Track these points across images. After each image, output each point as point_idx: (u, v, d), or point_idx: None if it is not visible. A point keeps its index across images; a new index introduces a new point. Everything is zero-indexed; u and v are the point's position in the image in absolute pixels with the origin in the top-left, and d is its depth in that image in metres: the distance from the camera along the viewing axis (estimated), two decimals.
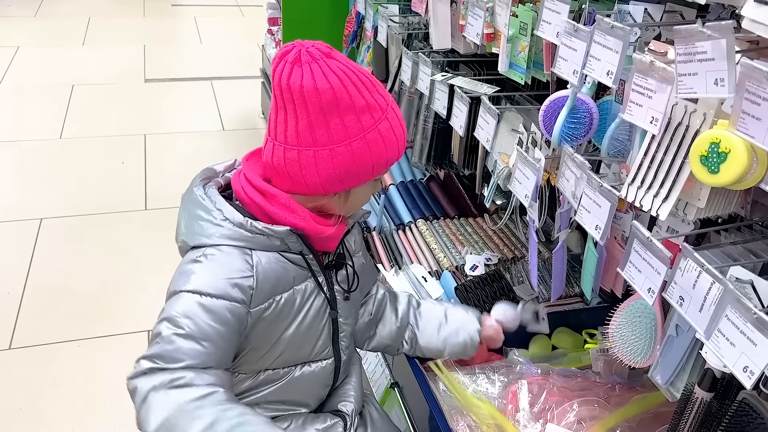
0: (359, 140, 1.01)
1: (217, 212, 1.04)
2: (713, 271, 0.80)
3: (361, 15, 2.51)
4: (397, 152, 1.08)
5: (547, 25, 1.16)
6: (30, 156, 3.58)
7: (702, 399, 0.96)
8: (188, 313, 0.97)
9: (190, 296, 0.98)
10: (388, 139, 1.04)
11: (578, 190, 1.09)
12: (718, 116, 0.83)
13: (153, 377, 0.94)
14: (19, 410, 2.02)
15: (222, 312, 0.99)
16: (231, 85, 4.57)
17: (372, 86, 1.03)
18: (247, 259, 1.03)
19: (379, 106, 1.03)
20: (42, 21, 5.76)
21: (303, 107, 0.98)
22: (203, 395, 0.93)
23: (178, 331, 0.96)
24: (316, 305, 1.13)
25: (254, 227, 1.02)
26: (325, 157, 1.00)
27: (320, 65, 0.98)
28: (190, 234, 1.06)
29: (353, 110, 1.00)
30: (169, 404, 0.91)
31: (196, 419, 0.90)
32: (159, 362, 0.94)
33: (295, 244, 1.07)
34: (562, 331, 1.67)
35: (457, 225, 2.11)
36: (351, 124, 1.00)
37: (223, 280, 1.00)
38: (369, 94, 1.02)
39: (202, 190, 1.08)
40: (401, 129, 1.08)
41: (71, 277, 2.63)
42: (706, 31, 0.77)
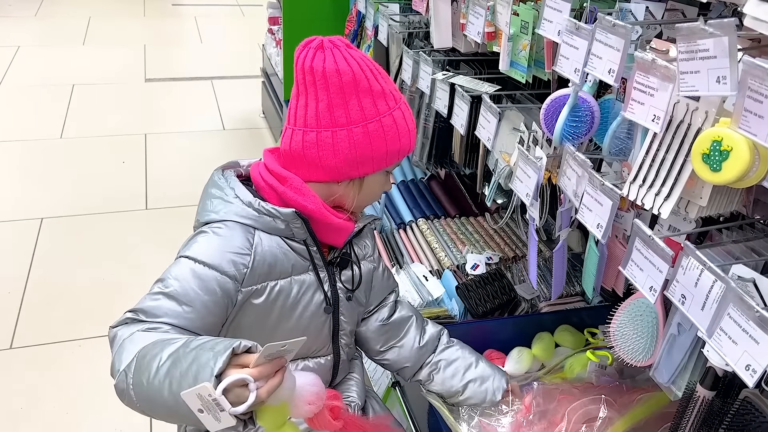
0: (375, 123, 1.06)
1: (229, 190, 1.09)
2: (715, 269, 0.80)
3: (362, 14, 2.51)
4: (409, 143, 1.12)
5: (548, 23, 1.16)
6: (30, 156, 3.57)
7: (704, 398, 0.96)
8: (179, 276, 1.02)
9: (185, 261, 1.03)
10: (402, 128, 1.09)
11: (580, 189, 1.09)
12: (720, 114, 0.83)
13: (132, 326, 0.97)
14: (20, 410, 2.02)
15: (210, 282, 1.02)
16: (231, 85, 4.57)
17: (388, 77, 1.10)
18: (249, 237, 1.06)
19: (393, 95, 1.09)
20: (42, 21, 5.76)
21: (324, 88, 1.04)
22: (177, 336, 0.93)
23: (164, 290, 1.00)
24: (316, 300, 1.14)
25: (261, 206, 1.06)
26: (342, 138, 1.05)
27: (342, 51, 1.04)
28: (202, 211, 1.10)
29: (371, 93, 1.05)
30: (142, 342, 0.92)
31: (168, 344, 0.88)
32: (140, 315, 0.98)
33: (300, 231, 1.09)
34: (564, 329, 1.67)
35: (458, 224, 2.11)
36: (368, 107, 1.05)
37: (220, 253, 1.04)
38: (385, 82, 1.08)
39: (220, 173, 1.13)
40: (413, 122, 1.13)
41: (72, 276, 2.63)
42: (708, 29, 0.77)
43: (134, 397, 0.88)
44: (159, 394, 0.85)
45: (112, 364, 0.94)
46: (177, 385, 0.82)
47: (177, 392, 0.81)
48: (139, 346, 0.91)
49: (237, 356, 0.81)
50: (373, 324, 1.32)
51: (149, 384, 0.86)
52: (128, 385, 0.88)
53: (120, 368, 0.91)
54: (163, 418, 0.91)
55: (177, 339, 0.90)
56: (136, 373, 0.88)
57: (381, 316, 1.33)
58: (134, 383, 0.88)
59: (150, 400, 0.87)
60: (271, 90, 3.76)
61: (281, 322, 1.11)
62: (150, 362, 0.87)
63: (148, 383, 0.86)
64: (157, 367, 0.86)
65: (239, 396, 0.79)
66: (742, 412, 0.90)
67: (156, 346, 0.89)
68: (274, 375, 0.82)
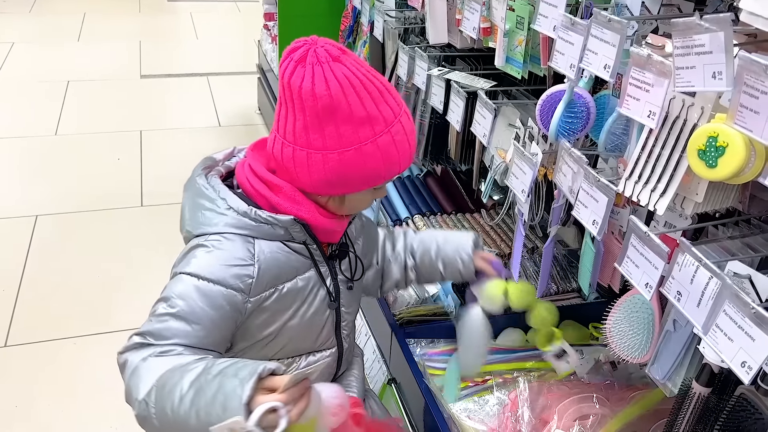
0: (353, 151, 0.99)
1: (221, 201, 1.05)
2: (711, 265, 0.80)
3: (358, 10, 2.50)
4: (398, 167, 1.04)
5: (543, 18, 1.16)
6: (25, 152, 3.56)
7: (700, 394, 0.95)
8: (183, 295, 0.99)
9: (188, 278, 1.00)
10: (388, 154, 1.01)
11: (575, 185, 1.08)
12: (715, 110, 0.83)
13: (142, 351, 0.95)
14: (15, 408, 2.02)
15: (217, 298, 1.00)
16: (227, 81, 4.55)
17: (379, 96, 1.00)
18: (249, 248, 1.04)
19: (383, 118, 1.00)
20: (37, 17, 5.73)
21: (300, 108, 0.98)
22: (193, 359, 0.93)
23: (170, 310, 0.98)
24: (320, 295, 1.14)
25: (258, 216, 1.03)
26: (317, 160, 0.99)
27: (323, 69, 0.96)
28: (194, 224, 1.07)
29: (350, 121, 0.97)
30: (158, 369, 0.92)
31: (187, 372, 0.88)
32: (149, 338, 0.97)
33: (299, 233, 1.07)
34: (568, 324, 1.67)
35: (454, 220, 2.10)
36: (346, 134, 0.98)
37: (223, 267, 1.01)
38: (373, 106, 0.99)
39: (204, 180, 1.08)
40: (407, 143, 1.04)
41: (67, 274, 2.62)
42: (704, 24, 0.76)
43: (159, 426, 0.89)
44: (185, 423, 0.85)
45: (127, 391, 0.93)
46: (205, 415, 0.83)
47: (205, 422, 0.82)
48: (157, 374, 0.91)
49: (262, 380, 0.82)
50: (371, 272, 1.34)
51: (174, 414, 0.86)
52: (151, 414, 0.89)
53: (139, 397, 0.91)
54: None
55: (195, 365, 0.90)
56: (158, 402, 0.89)
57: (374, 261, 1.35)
58: (157, 413, 0.89)
59: (176, 429, 0.88)
60: (266, 86, 3.75)
61: (288, 320, 1.10)
62: (172, 391, 0.87)
63: (173, 413, 0.86)
64: (180, 396, 0.86)
65: (270, 422, 0.79)
66: (738, 408, 0.90)
67: (175, 373, 0.89)
68: (301, 396, 0.83)
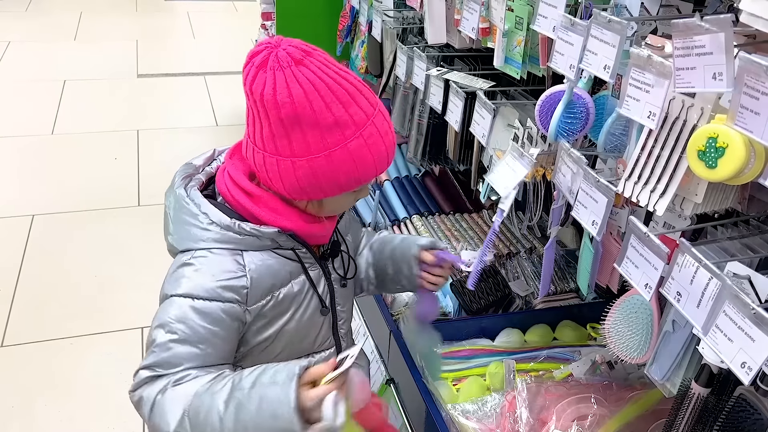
0: (323, 158, 0.95)
1: (202, 216, 1.02)
2: (711, 266, 0.80)
3: (356, 9, 2.50)
4: (374, 170, 1.00)
5: (543, 19, 1.15)
6: (22, 152, 3.55)
7: (699, 395, 0.96)
8: (182, 318, 0.97)
9: (182, 300, 0.98)
10: (361, 158, 0.97)
11: (575, 186, 1.08)
12: (715, 111, 0.83)
13: (156, 384, 0.94)
14: (12, 408, 2.01)
15: (216, 313, 0.98)
16: (224, 81, 4.54)
17: (348, 98, 0.95)
18: (238, 259, 1.01)
19: (353, 121, 0.95)
20: (33, 16, 5.71)
21: (265, 116, 0.95)
22: (212, 377, 0.93)
23: (173, 336, 0.96)
24: (315, 299, 1.13)
25: (242, 229, 1.00)
26: (287, 167, 0.96)
27: (285, 74, 0.91)
28: (178, 239, 1.04)
29: (317, 126, 0.93)
30: (181, 397, 0.91)
31: (216, 393, 0.90)
32: (158, 369, 0.95)
33: (286, 242, 1.06)
34: (566, 325, 1.67)
35: (453, 221, 2.10)
36: (314, 141, 0.94)
37: (214, 283, 0.98)
38: (342, 109, 0.94)
39: (183, 192, 1.05)
40: (381, 145, 0.99)
41: (63, 273, 2.61)
42: (705, 25, 0.76)
43: None
44: None
45: (154, 427, 0.93)
46: (254, 428, 0.86)
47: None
48: (182, 403, 0.91)
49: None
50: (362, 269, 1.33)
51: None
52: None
53: (170, 430, 0.90)
54: None
55: (221, 384, 0.91)
56: (195, 430, 0.89)
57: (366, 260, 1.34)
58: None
59: None
60: None
61: (286, 324, 1.09)
62: (208, 415, 0.88)
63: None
64: (219, 418, 0.88)
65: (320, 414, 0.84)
66: (737, 409, 0.90)
67: (204, 398, 0.90)
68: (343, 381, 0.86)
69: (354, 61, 2.55)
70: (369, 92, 1.00)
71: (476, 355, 1.57)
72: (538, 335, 1.65)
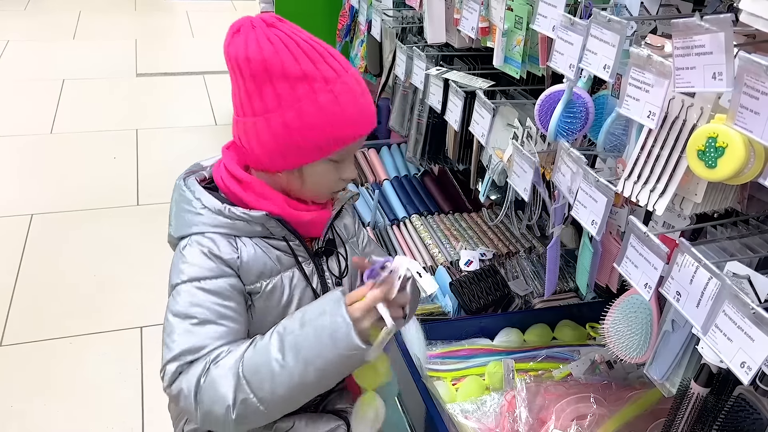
0: (294, 111, 0.96)
1: (196, 201, 1.05)
2: (711, 266, 0.80)
3: (355, 9, 2.50)
4: (349, 129, 1.00)
5: (542, 18, 1.15)
6: (21, 151, 3.54)
7: (698, 394, 0.96)
8: (194, 302, 0.99)
9: (188, 286, 1.00)
10: (332, 114, 0.97)
11: (574, 185, 1.08)
12: (715, 110, 0.83)
13: (192, 370, 0.95)
14: (11, 407, 2.01)
15: (225, 289, 1.01)
16: (223, 80, 4.49)
17: (318, 56, 0.97)
18: (231, 242, 1.04)
19: (322, 76, 0.96)
20: (32, 15, 5.70)
21: (240, 76, 0.98)
22: (250, 342, 0.96)
23: (192, 321, 0.97)
24: (308, 295, 1.12)
25: (232, 213, 1.03)
26: (262, 126, 0.98)
27: (257, 33, 0.97)
28: (176, 226, 1.07)
29: (285, 79, 0.96)
30: (228, 368, 0.93)
31: (266, 347, 0.94)
32: (188, 357, 0.96)
33: (276, 229, 1.06)
34: (565, 324, 1.67)
35: (452, 220, 2.10)
36: (284, 93, 0.96)
37: (213, 259, 1.01)
38: (310, 64, 0.96)
39: (182, 182, 1.09)
40: (353, 104, 0.99)
41: (62, 273, 2.61)
42: (705, 25, 0.76)
43: (266, 410, 0.93)
44: (301, 384, 0.92)
45: (206, 412, 0.93)
46: (319, 360, 0.91)
47: (322, 366, 0.92)
48: (231, 373, 0.93)
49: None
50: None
51: (284, 385, 0.92)
52: (254, 406, 0.92)
53: (228, 403, 0.92)
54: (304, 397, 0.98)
55: (264, 342, 0.95)
56: (258, 390, 0.92)
57: None
58: (262, 398, 0.92)
59: (290, 399, 0.94)
60: None
61: (277, 319, 1.09)
62: (267, 370, 0.92)
63: (282, 385, 0.92)
64: (280, 366, 0.92)
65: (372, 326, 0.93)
66: (737, 408, 0.90)
67: (254, 358, 0.94)
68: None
69: (353, 61, 2.55)
70: (340, 57, 1.02)
71: (475, 355, 1.58)
72: (537, 335, 1.65)
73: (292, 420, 1.15)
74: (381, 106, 2.77)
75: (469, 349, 1.59)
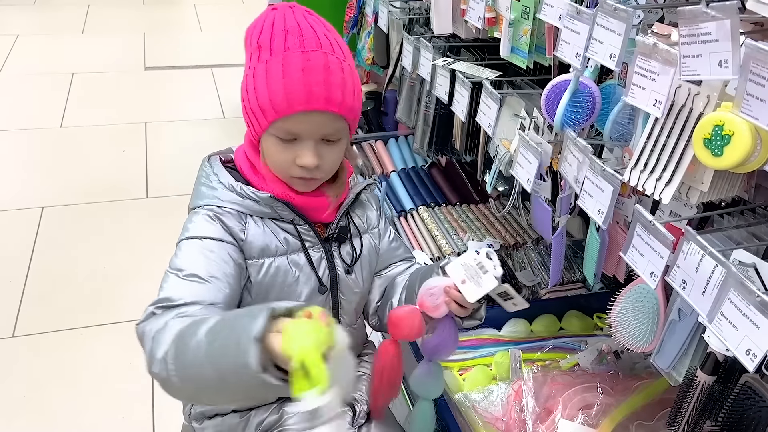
0: (251, 74, 1.04)
1: (213, 176, 1.11)
2: (716, 254, 0.80)
3: (362, 0, 2.50)
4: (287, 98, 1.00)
5: (549, 8, 1.15)
6: (31, 144, 3.57)
7: (704, 383, 0.96)
8: (190, 257, 1.02)
9: (189, 242, 1.04)
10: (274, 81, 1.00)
11: (580, 175, 1.08)
12: (721, 98, 0.82)
13: (162, 317, 0.95)
14: (23, 397, 2.03)
15: (220, 251, 1.04)
16: (231, 73, 4.54)
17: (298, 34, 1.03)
18: (241, 218, 1.08)
19: (285, 48, 1.01)
20: (41, 9, 5.73)
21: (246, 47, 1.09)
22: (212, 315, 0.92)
23: (179, 273, 1.01)
24: (313, 280, 1.14)
25: (243, 191, 1.08)
26: (242, 87, 1.07)
27: (270, 11, 1.09)
28: (193, 199, 1.12)
29: (258, 47, 1.04)
30: (175, 329, 0.90)
31: (203, 323, 0.86)
32: (165, 303, 0.98)
33: (284, 212, 1.10)
34: (572, 315, 1.67)
35: (459, 211, 2.10)
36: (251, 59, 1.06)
37: (217, 227, 1.06)
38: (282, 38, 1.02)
39: (207, 160, 1.16)
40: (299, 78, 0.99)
41: (73, 265, 2.64)
42: (710, 12, 0.76)
43: (179, 383, 0.87)
44: (200, 374, 0.83)
45: (148, 358, 0.91)
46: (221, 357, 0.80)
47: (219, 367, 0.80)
48: (175, 332, 0.89)
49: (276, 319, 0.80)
50: (377, 280, 1.29)
51: (192, 366, 0.84)
52: (170, 372, 0.87)
53: (158, 356, 0.89)
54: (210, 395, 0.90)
55: (214, 317, 0.88)
56: (177, 358, 0.86)
57: (387, 274, 1.29)
58: (177, 369, 0.86)
59: (196, 383, 0.86)
60: None
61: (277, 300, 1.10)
62: (188, 343, 0.86)
63: (191, 365, 0.85)
64: (197, 346, 0.84)
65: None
66: (743, 396, 0.90)
67: (192, 327, 0.88)
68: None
69: (360, 53, 2.55)
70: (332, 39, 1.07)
71: (482, 345, 1.58)
72: (544, 325, 1.65)
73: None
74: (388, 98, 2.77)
75: (477, 340, 1.59)
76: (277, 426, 1.18)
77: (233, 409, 1.22)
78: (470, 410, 1.35)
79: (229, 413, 1.22)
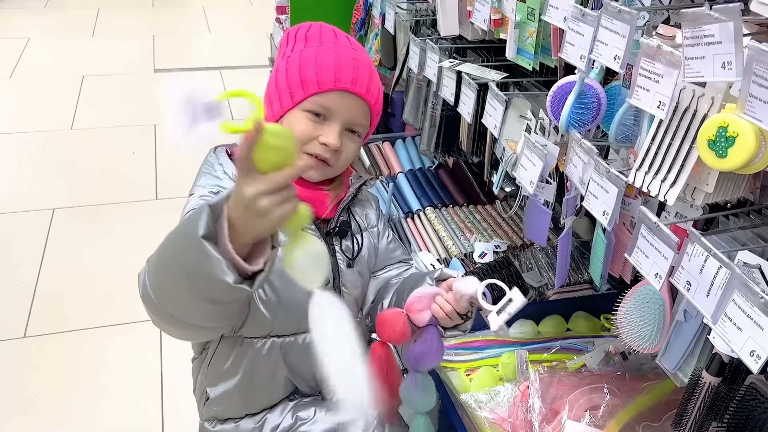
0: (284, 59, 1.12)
1: (218, 166, 1.13)
2: (720, 255, 0.80)
3: (369, 2, 2.51)
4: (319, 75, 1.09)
5: (554, 9, 1.15)
6: (41, 147, 3.60)
7: (710, 384, 0.96)
8: (193, 207, 1.04)
9: (192, 198, 1.07)
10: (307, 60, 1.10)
11: (586, 176, 1.09)
12: (725, 100, 0.83)
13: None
14: (34, 397, 2.05)
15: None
16: (240, 75, 4.56)
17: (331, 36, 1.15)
18: None
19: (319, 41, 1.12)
20: (52, 12, 5.77)
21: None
22: None
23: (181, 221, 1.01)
24: None
25: None
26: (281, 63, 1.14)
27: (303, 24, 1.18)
28: (193, 187, 1.14)
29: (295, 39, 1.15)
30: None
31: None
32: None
33: None
34: (579, 316, 1.67)
35: (466, 213, 2.11)
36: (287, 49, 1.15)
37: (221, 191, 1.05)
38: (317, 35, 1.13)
39: (213, 150, 1.17)
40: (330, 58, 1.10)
41: (83, 266, 2.66)
42: (714, 14, 0.76)
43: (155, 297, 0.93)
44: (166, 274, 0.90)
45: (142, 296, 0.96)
46: (173, 250, 0.88)
47: (175, 258, 0.87)
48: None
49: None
50: (373, 280, 1.32)
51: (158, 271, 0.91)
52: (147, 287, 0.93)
53: (140, 276, 0.94)
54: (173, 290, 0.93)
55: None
56: (149, 271, 0.93)
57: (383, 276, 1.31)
58: (149, 279, 0.93)
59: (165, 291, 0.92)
60: None
61: (284, 291, 1.11)
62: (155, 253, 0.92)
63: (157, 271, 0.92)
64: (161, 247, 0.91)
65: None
66: (748, 397, 0.90)
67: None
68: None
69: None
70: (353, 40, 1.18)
71: (489, 346, 1.58)
72: (551, 326, 1.65)
73: (313, 409, 1.18)
74: (395, 99, 2.77)
75: (483, 340, 1.59)
76: (291, 431, 1.19)
77: (247, 413, 1.23)
78: (477, 411, 1.36)
79: (243, 417, 1.23)
